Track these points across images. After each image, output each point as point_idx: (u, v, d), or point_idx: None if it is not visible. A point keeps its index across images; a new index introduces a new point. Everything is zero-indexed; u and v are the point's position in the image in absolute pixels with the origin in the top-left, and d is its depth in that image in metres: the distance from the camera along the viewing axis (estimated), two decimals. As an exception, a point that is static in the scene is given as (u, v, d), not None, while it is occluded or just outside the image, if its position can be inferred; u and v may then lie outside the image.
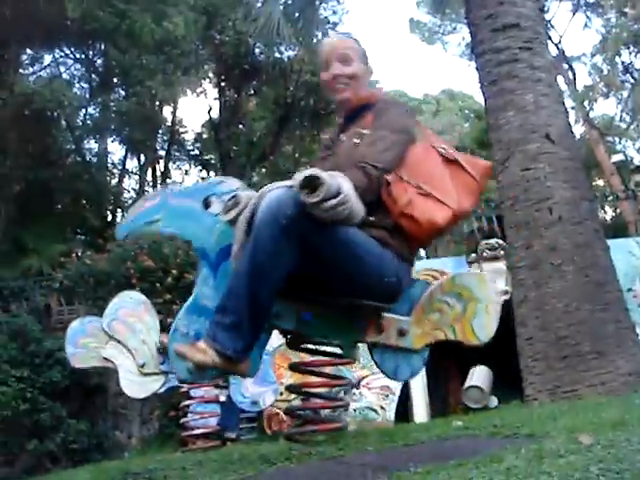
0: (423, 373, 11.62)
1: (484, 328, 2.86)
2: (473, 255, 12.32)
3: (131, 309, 5.07)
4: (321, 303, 2.64)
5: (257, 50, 21.52)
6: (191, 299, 2.60)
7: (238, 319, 2.38)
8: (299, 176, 2.32)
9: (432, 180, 2.60)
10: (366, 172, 2.54)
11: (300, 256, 2.41)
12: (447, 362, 14.12)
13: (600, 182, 25.19)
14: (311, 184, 2.30)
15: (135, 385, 5.00)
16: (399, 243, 2.62)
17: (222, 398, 6.21)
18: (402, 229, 2.59)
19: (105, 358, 5.08)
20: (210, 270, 2.60)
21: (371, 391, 11.74)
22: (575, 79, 25.07)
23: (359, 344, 2.84)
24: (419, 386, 11.65)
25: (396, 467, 2.22)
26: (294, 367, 3.14)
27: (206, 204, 2.61)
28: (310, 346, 3.00)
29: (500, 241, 11.48)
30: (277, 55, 21.55)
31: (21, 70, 20.55)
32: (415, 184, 2.58)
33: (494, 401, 11.25)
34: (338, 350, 2.92)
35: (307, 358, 3.27)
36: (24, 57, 21.03)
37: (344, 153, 2.75)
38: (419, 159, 2.65)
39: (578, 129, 25.12)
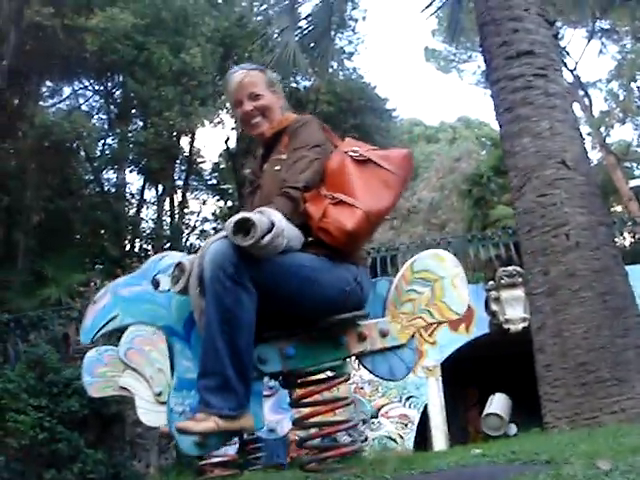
0: (442, 402, 11.57)
1: (457, 301, 2.89)
2: (491, 282, 12.27)
3: (146, 337, 5.06)
4: (299, 334, 2.66)
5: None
6: (175, 379, 2.61)
7: (223, 379, 2.39)
8: (229, 223, 2.38)
9: (345, 186, 2.64)
10: (289, 197, 2.59)
11: (258, 294, 2.44)
12: (466, 390, 14.06)
13: (618, 208, 25.08)
14: (243, 227, 2.35)
15: (152, 414, 4.98)
16: (343, 253, 2.65)
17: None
18: (325, 241, 2.61)
19: (122, 387, 5.08)
20: (183, 343, 2.62)
21: (390, 420, 11.67)
22: (591, 105, 25.11)
23: (347, 359, 2.86)
24: (438, 415, 11.57)
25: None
26: (295, 404, 3.11)
27: (155, 284, 2.66)
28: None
29: (518, 268, 11.43)
30: (293, 85, 21.72)
31: (41, 102, 20.82)
32: (330, 195, 2.62)
33: (513, 429, 11.15)
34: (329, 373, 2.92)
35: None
36: (44, 89, 21.34)
37: (269, 183, 2.80)
38: (333, 170, 2.70)
39: (595, 155, 25.14)
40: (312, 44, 12.24)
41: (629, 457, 2.31)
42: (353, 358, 2.88)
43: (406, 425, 11.59)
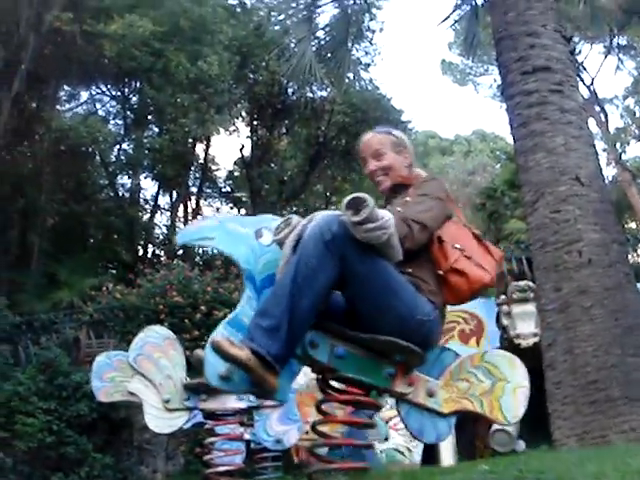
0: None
1: (511, 409, 2.86)
2: (503, 297, 12.22)
3: (156, 344, 5.08)
4: (355, 341, 2.67)
5: (290, 90, 21.77)
6: (233, 314, 2.65)
7: (277, 323, 2.45)
8: (346, 199, 2.48)
9: (469, 248, 2.84)
10: (407, 224, 2.69)
11: (340, 274, 2.53)
12: (475, 404, 13.98)
13: (632, 225, 24.96)
14: (357, 206, 2.44)
15: (159, 420, 4.99)
16: (434, 294, 2.76)
17: (247, 436, 6.18)
18: (448, 283, 2.78)
19: (131, 392, 5.09)
20: (254, 293, 2.68)
21: (398, 432, 11.60)
22: (607, 121, 25.01)
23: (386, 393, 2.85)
24: (446, 428, 11.50)
25: (417, 509, 2.19)
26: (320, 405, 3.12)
27: (258, 234, 2.76)
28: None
29: (530, 283, 11.37)
30: (309, 95, 21.78)
31: (58, 106, 20.96)
32: (460, 247, 2.80)
33: (521, 445, 11.05)
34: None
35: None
36: (61, 94, 21.49)
37: None
38: (455, 230, 2.89)
39: (610, 171, 25.02)
40: (329, 54, 12.28)
41: (636, 478, 2.29)
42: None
43: (413, 437, 11.53)
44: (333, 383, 2.88)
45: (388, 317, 2.63)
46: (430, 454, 11.40)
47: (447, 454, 11.21)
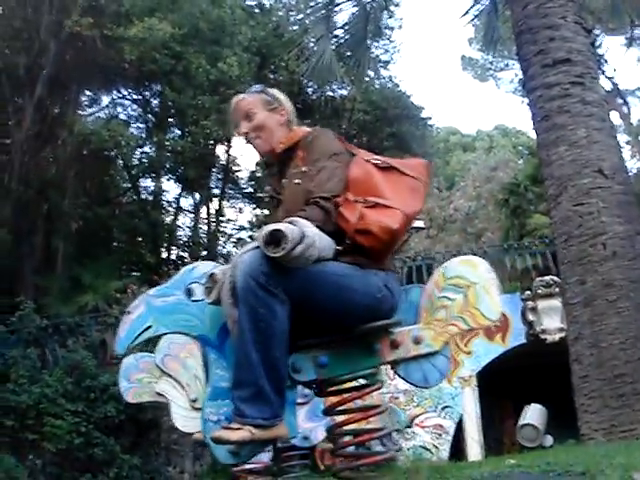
0: (477, 412, 11.49)
1: (491, 307, 2.86)
2: (528, 292, 12.17)
3: (182, 345, 5.11)
4: (332, 342, 2.68)
5: (310, 89, 21.80)
6: (209, 388, 2.65)
7: (256, 388, 2.41)
8: (261, 235, 2.41)
9: (375, 190, 2.67)
10: (319, 206, 2.62)
11: (291, 304, 2.46)
12: (502, 402, 13.94)
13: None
14: (275, 238, 2.37)
15: (187, 420, 5.00)
16: (366, 260, 2.66)
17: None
18: (361, 246, 2.62)
19: (158, 393, 5.12)
20: (217, 353, 2.66)
21: (424, 430, 11.61)
22: (630, 113, 24.84)
23: (381, 367, 2.86)
24: (473, 425, 11.50)
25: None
26: (329, 412, 3.13)
27: (188, 293, 2.70)
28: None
29: (555, 278, 11.32)
30: (329, 94, 21.78)
31: (80, 111, 21.11)
32: (362, 200, 2.64)
33: (549, 440, 11.00)
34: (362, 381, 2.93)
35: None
36: (83, 98, 21.63)
37: (291, 196, 2.82)
38: (358, 176, 2.72)
39: (634, 164, 24.80)
40: (348, 53, 12.28)
41: (665, 469, 2.28)
42: (388, 366, 2.88)
43: (441, 435, 11.53)
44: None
45: (353, 312, 2.61)
46: (457, 451, 11.39)
47: (474, 451, 11.21)
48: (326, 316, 2.59)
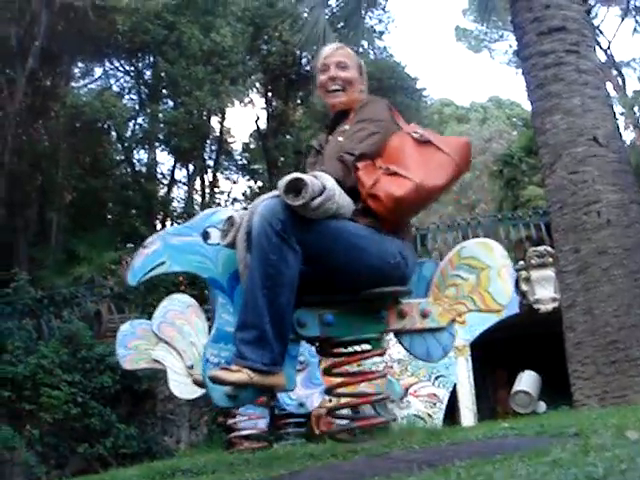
0: (471, 381, 11.56)
1: (502, 293, 2.90)
2: (521, 262, 12.21)
3: (179, 312, 5.15)
4: (340, 302, 2.70)
5: (304, 60, 21.65)
6: (214, 330, 2.67)
7: (260, 332, 2.44)
8: (282, 182, 2.44)
9: (400, 160, 2.71)
10: (342, 160, 2.67)
11: (303, 256, 2.50)
12: (495, 371, 14.03)
13: (651, 189, 24.68)
14: (295, 188, 2.41)
15: (183, 386, 5.06)
16: (391, 227, 2.71)
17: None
18: (370, 210, 2.67)
19: (155, 360, 5.17)
20: (226, 298, 2.68)
21: (418, 399, 11.68)
22: (624, 84, 24.74)
23: (385, 334, 2.88)
24: (467, 394, 11.57)
25: (441, 462, 2.22)
26: (328, 371, 3.16)
27: (205, 236, 2.72)
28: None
29: (549, 248, 11.35)
30: (323, 64, 21.62)
31: (73, 83, 20.98)
32: (385, 167, 2.69)
33: (542, 406, 11.10)
34: (366, 346, 2.95)
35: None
36: (75, 70, 21.48)
37: (330, 152, 2.86)
38: (393, 146, 2.77)
39: (628, 135, 24.77)
40: (342, 23, 12.20)
41: (658, 428, 2.31)
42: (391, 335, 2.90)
43: (435, 404, 11.60)
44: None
45: (364, 273, 2.64)
46: (451, 419, 11.48)
47: (468, 419, 11.28)
48: (336, 273, 2.62)
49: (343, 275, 2.63)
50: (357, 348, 2.97)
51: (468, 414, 11.41)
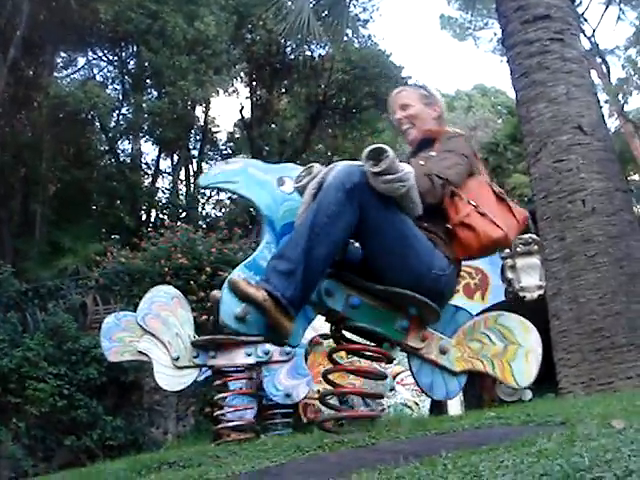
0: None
1: (523, 374, 2.88)
2: (507, 250, 12.23)
3: (164, 303, 5.13)
4: (371, 292, 2.70)
5: (288, 49, 21.61)
6: (251, 257, 2.71)
7: (293, 267, 2.48)
8: (367, 148, 2.53)
9: (486, 206, 2.83)
10: (430, 179, 2.72)
11: (358, 224, 2.57)
12: (481, 358, 14.08)
13: (636, 177, 24.83)
14: (377, 156, 2.48)
15: (169, 378, 5.03)
16: (449, 249, 2.78)
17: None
18: (457, 237, 2.79)
19: (140, 352, 5.14)
20: (274, 238, 2.74)
21: (405, 387, 11.69)
22: (609, 72, 24.78)
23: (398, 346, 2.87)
24: (453, 382, 11.59)
25: (428, 453, 2.22)
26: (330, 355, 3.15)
27: (280, 182, 2.82)
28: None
29: (534, 236, 11.38)
30: (308, 53, 21.62)
31: (55, 73, 20.86)
32: (473, 204, 2.81)
33: (528, 394, 11.12)
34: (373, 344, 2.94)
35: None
36: (58, 60, 21.35)
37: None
38: (476, 187, 2.90)
39: (612, 123, 24.84)
40: (326, 11, 12.14)
41: (643, 417, 2.31)
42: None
43: (422, 392, 11.63)
44: (346, 334, 2.92)
45: (404, 271, 2.67)
46: (438, 407, 11.51)
47: (454, 407, 11.31)
48: (379, 256, 2.68)
49: (384, 261, 2.67)
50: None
51: (454, 402, 11.42)
